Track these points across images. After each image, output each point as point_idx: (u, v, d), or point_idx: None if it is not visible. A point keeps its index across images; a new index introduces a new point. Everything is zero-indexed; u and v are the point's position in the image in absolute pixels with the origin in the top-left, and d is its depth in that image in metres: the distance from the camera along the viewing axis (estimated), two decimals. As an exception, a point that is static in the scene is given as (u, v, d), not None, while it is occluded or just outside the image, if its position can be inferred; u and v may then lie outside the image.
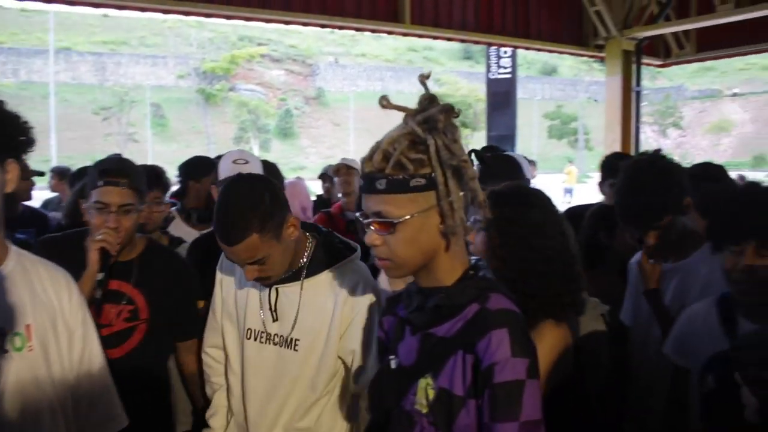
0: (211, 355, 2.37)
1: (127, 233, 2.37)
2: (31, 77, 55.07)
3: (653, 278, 2.57)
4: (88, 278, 2.29)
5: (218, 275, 2.32)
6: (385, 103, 1.45)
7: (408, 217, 1.41)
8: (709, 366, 1.74)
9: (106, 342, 2.26)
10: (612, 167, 3.72)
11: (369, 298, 2.04)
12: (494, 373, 1.36)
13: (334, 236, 2.21)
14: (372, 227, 1.46)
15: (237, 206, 1.88)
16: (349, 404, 2.17)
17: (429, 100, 1.42)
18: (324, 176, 6.97)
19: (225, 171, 3.16)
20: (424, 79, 1.46)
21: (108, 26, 67.18)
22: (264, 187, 1.94)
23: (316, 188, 7.29)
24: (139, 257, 2.50)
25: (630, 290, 2.85)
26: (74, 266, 2.21)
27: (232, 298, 2.23)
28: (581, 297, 1.97)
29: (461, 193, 1.41)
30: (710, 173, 3.37)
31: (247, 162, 3.15)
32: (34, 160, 2.47)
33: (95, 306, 2.30)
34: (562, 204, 11.42)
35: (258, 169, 3.17)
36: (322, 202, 6.46)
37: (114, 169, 2.33)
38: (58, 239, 2.54)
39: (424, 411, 1.47)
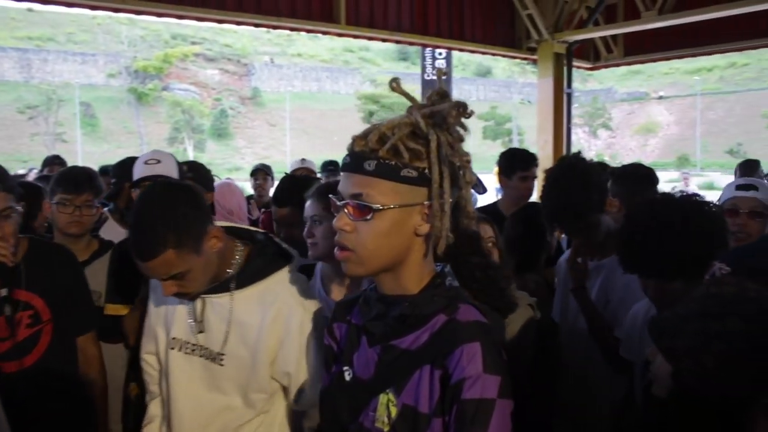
0: (148, 362, 2.17)
1: (15, 238, 2.26)
2: (-51, 74, 52.78)
3: (580, 276, 2.65)
4: None
5: (152, 280, 2.10)
6: (395, 85, 1.36)
7: (391, 207, 1.31)
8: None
9: (12, 354, 2.29)
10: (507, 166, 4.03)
11: (302, 315, 1.88)
12: (463, 388, 1.28)
13: (272, 244, 2.04)
14: (345, 210, 1.34)
15: (150, 220, 1.72)
16: (289, 422, 2.05)
17: (440, 95, 1.33)
18: (256, 173, 6.77)
19: (138, 172, 3.09)
20: (440, 74, 1.42)
21: (33, 21, 64.82)
22: (183, 197, 1.77)
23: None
24: (25, 258, 2.38)
25: (558, 288, 2.94)
26: None
27: (164, 304, 2.05)
28: (513, 294, 2.02)
29: (451, 200, 1.31)
30: (640, 175, 3.49)
31: (159, 162, 3.08)
32: (-47, 160, 2.40)
33: (6, 322, 2.26)
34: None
35: (172, 169, 3.11)
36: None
37: None
38: None
39: (386, 429, 1.37)
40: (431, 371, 1.33)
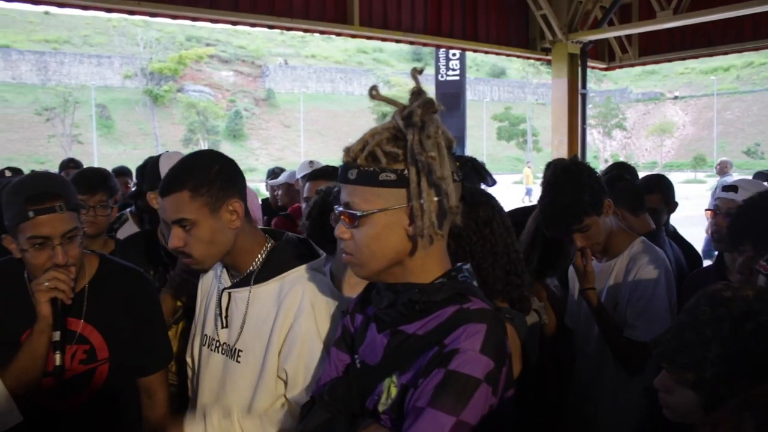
0: (189, 365, 2.13)
1: (78, 263, 2.00)
2: (-33, 76, 53.37)
3: (588, 278, 2.65)
4: (40, 335, 1.92)
5: (200, 287, 2.13)
6: (374, 93, 1.38)
7: (373, 212, 1.34)
8: None
9: (61, 390, 2.00)
10: None
11: (309, 314, 1.82)
12: (453, 359, 1.28)
13: (298, 242, 2.00)
14: (341, 219, 1.40)
15: (183, 164, 1.82)
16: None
17: (414, 94, 1.34)
18: (272, 175, 6.67)
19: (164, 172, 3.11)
20: (416, 73, 1.40)
21: (50, 24, 65.45)
22: (219, 160, 1.85)
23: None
24: (90, 284, 2.09)
25: (570, 292, 2.93)
26: (13, 303, 1.99)
27: (204, 302, 2.08)
28: (527, 294, 2.02)
29: (436, 198, 1.32)
30: (623, 172, 3.52)
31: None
32: (-25, 162, 2.33)
33: (55, 377, 1.94)
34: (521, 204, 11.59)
35: None
36: (267, 206, 6.10)
37: (42, 192, 1.91)
38: None
39: (383, 409, 1.39)
40: (434, 352, 1.34)
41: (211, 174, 1.78)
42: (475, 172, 1.86)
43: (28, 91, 52.86)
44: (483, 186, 2.86)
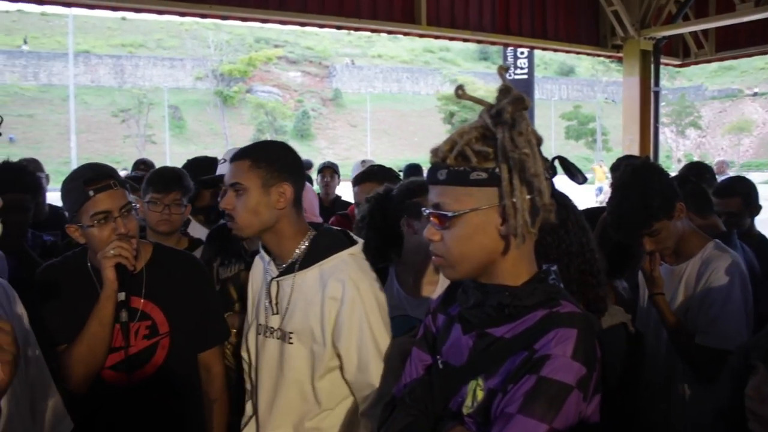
0: (244, 358, 2.30)
1: (137, 236, 2.18)
2: (51, 80, 55.82)
3: (656, 283, 2.56)
4: (107, 300, 2.08)
5: (250, 281, 2.29)
6: (461, 92, 1.37)
7: (464, 212, 1.33)
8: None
9: (127, 365, 2.15)
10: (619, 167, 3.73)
11: (354, 294, 1.96)
12: (544, 365, 1.26)
13: (335, 231, 2.16)
14: (430, 220, 1.38)
15: (259, 142, 2.19)
16: (354, 424, 2.08)
17: (502, 92, 1.32)
18: (323, 170, 6.66)
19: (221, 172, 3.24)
20: (502, 71, 1.39)
21: (126, 29, 67.76)
22: (286, 150, 2.10)
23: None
24: (147, 266, 2.26)
25: (640, 296, 2.85)
26: (80, 294, 2.14)
27: (255, 296, 2.23)
28: (603, 294, 1.98)
29: (528, 196, 1.30)
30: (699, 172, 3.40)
31: (225, 161, 3.17)
32: (54, 162, 2.46)
33: (123, 330, 2.12)
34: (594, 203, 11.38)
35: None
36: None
37: (96, 175, 2.12)
38: (57, 268, 2.26)
39: (468, 412, 1.38)
40: (522, 357, 1.31)
41: (273, 155, 2.03)
42: (564, 170, 1.83)
43: (106, 94, 54.86)
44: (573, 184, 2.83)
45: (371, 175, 3.95)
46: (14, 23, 64.12)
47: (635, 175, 2.54)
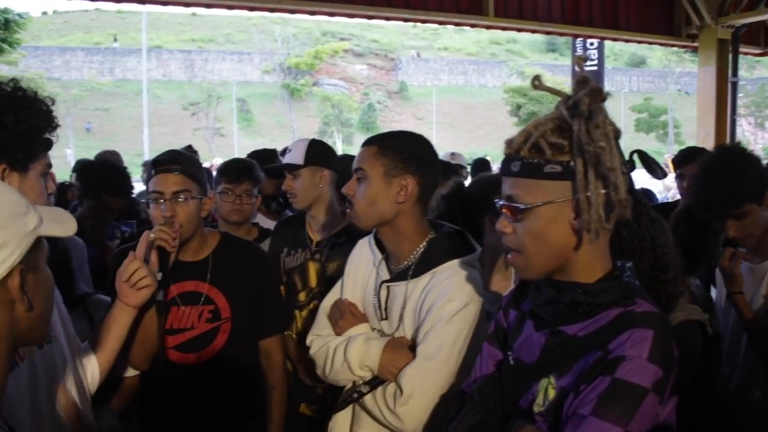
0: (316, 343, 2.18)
1: (186, 224, 2.19)
2: (125, 75, 57.76)
3: (736, 281, 2.45)
4: None
5: (347, 267, 2.19)
6: (537, 83, 1.36)
7: (537, 204, 1.30)
8: None
9: (190, 346, 2.26)
10: (685, 160, 3.55)
11: (453, 300, 1.86)
12: (619, 366, 1.23)
13: (453, 234, 2.04)
14: (503, 212, 1.37)
15: (395, 131, 2.11)
16: None
17: (580, 83, 1.30)
18: None
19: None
20: (580, 61, 1.38)
21: (196, 24, 69.45)
22: (420, 143, 2.01)
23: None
24: (213, 254, 2.34)
25: (718, 296, 2.74)
26: None
27: (360, 295, 2.13)
28: (673, 290, 1.93)
29: (603, 191, 1.26)
30: None
31: (290, 151, 3.15)
32: (128, 154, 2.55)
33: (157, 309, 2.14)
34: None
35: (299, 153, 3.00)
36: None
37: (165, 158, 2.22)
38: (129, 250, 2.22)
39: (539, 410, 1.36)
40: (596, 357, 1.29)
41: (402, 145, 1.96)
42: (643, 164, 1.79)
43: (176, 87, 56.24)
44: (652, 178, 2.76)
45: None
46: (93, 21, 66.56)
47: (727, 155, 2.46)
